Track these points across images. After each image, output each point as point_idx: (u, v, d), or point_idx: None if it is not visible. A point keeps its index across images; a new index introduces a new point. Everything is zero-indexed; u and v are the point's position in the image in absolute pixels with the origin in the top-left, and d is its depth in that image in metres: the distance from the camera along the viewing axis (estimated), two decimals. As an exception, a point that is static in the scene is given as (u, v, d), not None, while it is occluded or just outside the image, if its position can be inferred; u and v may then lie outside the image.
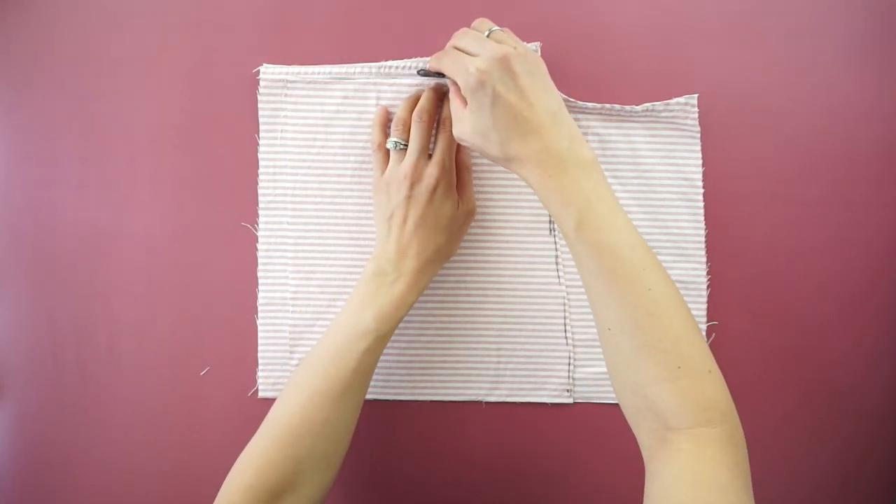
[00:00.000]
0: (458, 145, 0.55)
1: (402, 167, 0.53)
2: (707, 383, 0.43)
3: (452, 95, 0.50)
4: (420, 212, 0.52)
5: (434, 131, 0.55)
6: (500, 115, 0.46)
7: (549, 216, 0.58)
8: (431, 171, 0.52)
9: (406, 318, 0.59)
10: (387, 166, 0.55)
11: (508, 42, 0.48)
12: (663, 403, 0.42)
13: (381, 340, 0.51)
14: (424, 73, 0.55)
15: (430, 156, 0.54)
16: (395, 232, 0.52)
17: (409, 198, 0.52)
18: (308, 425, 0.49)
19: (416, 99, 0.55)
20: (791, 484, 0.60)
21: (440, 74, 0.52)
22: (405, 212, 0.52)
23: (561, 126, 0.46)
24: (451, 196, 0.54)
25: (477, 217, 0.58)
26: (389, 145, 0.54)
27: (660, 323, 0.43)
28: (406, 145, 0.53)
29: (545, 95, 0.46)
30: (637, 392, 0.44)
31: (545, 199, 0.46)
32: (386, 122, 0.56)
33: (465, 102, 0.49)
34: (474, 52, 0.47)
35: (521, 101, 0.46)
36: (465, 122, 0.48)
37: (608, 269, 0.44)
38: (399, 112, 0.55)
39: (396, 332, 0.59)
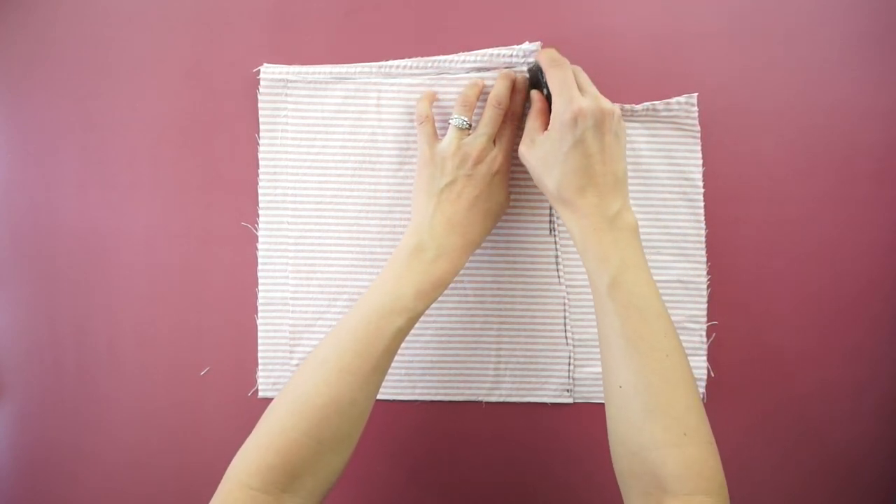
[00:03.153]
0: None
1: (466, 144, 0.52)
2: (709, 454, 0.44)
3: (535, 112, 0.52)
4: (477, 192, 0.51)
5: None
6: (575, 158, 0.47)
7: (550, 216, 0.58)
8: (497, 155, 0.52)
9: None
10: (435, 139, 0.53)
11: (602, 96, 0.50)
12: (665, 468, 0.43)
13: (414, 320, 0.49)
14: (531, 70, 0.54)
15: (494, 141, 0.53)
16: (446, 207, 0.51)
17: (469, 176, 0.51)
18: (335, 405, 0.46)
19: (478, 85, 0.54)
20: (791, 483, 0.60)
21: (535, 76, 0.53)
22: (461, 188, 0.51)
23: (619, 190, 0.48)
24: (505, 186, 0.53)
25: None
26: (456, 122, 0.52)
27: (673, 390, 0.44)
28: (470, 125, 0.53)
29: (618, 159, 0.48)
30: (638, 454, 0.44)
31: (583, 250, 0.48)
32: (432, 99, 0.55)
33: (544, 125, 0.50)
34: (584, 88, 0.49)
35: (599, 155, 0.47)
36: (536, 146, 0.50)
37: (632, 331, 0.45)
38: (467, 92, 0.54)
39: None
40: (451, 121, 0.53)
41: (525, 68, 0.57)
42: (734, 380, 0.60)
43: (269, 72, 0.58)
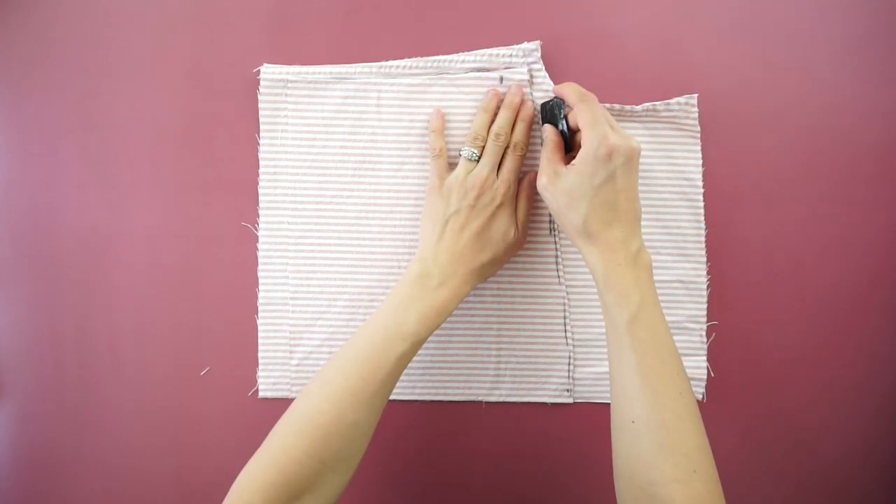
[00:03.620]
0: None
1: (471, 177, 0.53)
2: (716, 492, 0.45)
3: (551, 146, 0.52)
4: (480, 223, 0.53)
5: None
6: (605, 192, 0.48)
7: (549, 217, 0.58)
8: (500, 187, 0.53)
9: (406, 318, 0.59)
10: (446, 172, 0.55)
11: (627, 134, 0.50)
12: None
13: (417, 345, 0.51)
14: (545, 104, 0.54)
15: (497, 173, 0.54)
16: (450, 237, 0.52)
17: (472, 207, 0.52)
18: (337, 425, 0.48)
19: (488, 112, 0.55)
20: (791, 483, 0.60)
21: (552, 111, 0.53)
22: (465, 220, 0.52)
23: (638, 228, 0.49)
24: (510, 216, 0.54)
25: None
26: (466, 154, 0.54)
27: (685, 427, 0.45)
28: (479, 157, 0.54)
29: (638, 198, 0.50)
30: (646, 489, 0.45)
31: (605, 284, 0.48)
32: (443, 127, 0.56)
33: (563, 159, 0.51)
34: (612, 126, 0.50)
35: (628, 191, 0.48)
36: (562, 179, 0.50)
37: (648, 367, 0.46)
38: (475, 125, 0.55)
39: (396, 331, 0.59)
40: (461, 152, 0.54)
41: (525, 69, 0.57)
42: (734, 380, 0.60)
43: (269, 72, 0.58)
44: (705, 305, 0.59)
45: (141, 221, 0.59)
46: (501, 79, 0.58)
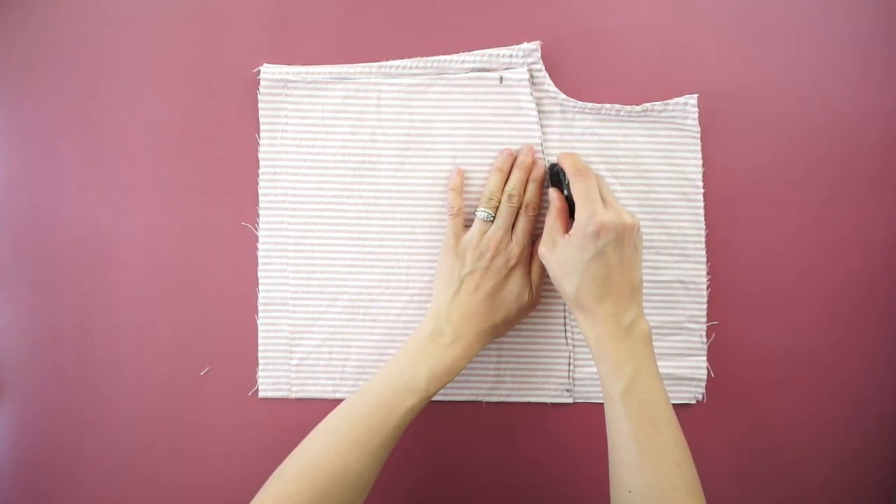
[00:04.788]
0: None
1: (486, 238, 0.54)
2: None
3: (554, 212, 0.53)
4: (494, 284, 0.53)
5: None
6: (595, 268, 0.49)
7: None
8: (514, 249, 0.54)
9: (407, 318, 0.59)
10: (462, 231, 0.55)
11: (623, 209, 0.51)
12: None
13: (424, 400, 0.51)
14: (553, 167, 0.55)
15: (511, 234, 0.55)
16: (464, 297, 0.53)
17: (487, 268, 0.53)
18: (343, 474, 0.48)
19: (502, 172, 0.56)
20: (791, 483, 0.60)
21: (557, 175, 0.54)
22: (479, 280, 0.53)
23: (635, 300, 0.50)
24: (524, 277, 0.55)
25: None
26: (481, 215, 0.55)
27: (681, 498, 0.46)
28: (493, 217, 0.55)
29: (636, 270, 0.50)
30: None
31: (598, 356, 0.49)
32: (462, 187, 0.57)
33: (564, 226, 0.52)
34: (607, 200, 0.50)
35: (619, 266, 0.49)
36: (557, 249, 0.51)
37: (644, 438, 0.47)
38: (489, 186, 0.56)
39: (396, 331, 0.59)
40: (476, 213, 0.55)
41: (525, 69, 0.57)
42: (734, 380, 0.60)
43: (269, 72, 0.58)
44: (705, 305, 0.59)
45: (141, 221, 0.59)
46: (501, 79, 0.58)
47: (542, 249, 0.52)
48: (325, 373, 0.59)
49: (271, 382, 0.59)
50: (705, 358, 0.59)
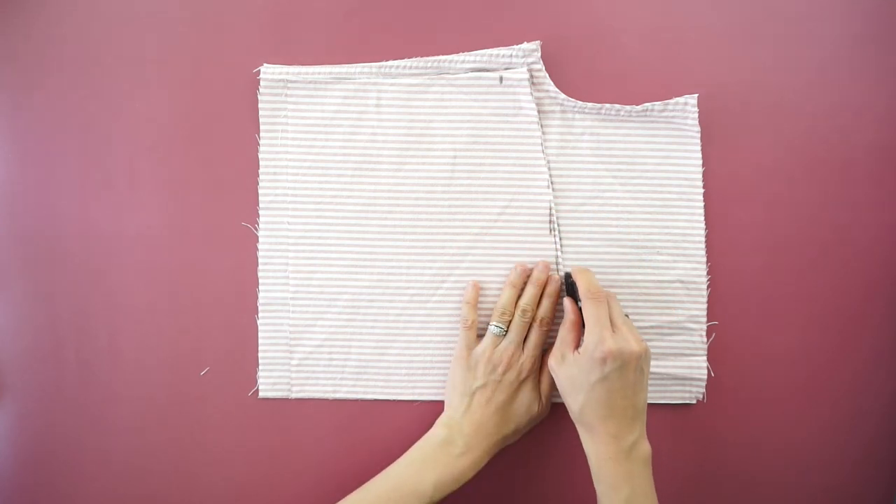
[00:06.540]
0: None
1: (498, 352, 0.55)
2: None
3: (567, 324, 0.54)
4: (504, 397, 0.54)
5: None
6: (600, 390, 0.50)
7: (550, 216, 0.58)
8: (525, 362, 0.55)
9: (407, 318, 0.59)
10: (474, 343, 0.56)
11: (632, 334, 0.51)
12: None
13: None
14: (569, 276, 0.56)
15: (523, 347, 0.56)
16: (476, 409, 0.54)
17: (498, 382, 0.54)
18: None
19: (516, 287, 0.57)
20: (791, 484, 0.60)
21: (573, 287, 0.54)
22: (490, 393, 0.54)
23: (638, 421, 0.51)
24: (534, 390, 0.56)
25: (478, 217, 0.58)
26: (494, 330, 0.55)
27: None
28: (506, 331, 0.55)
29: (640, 393, 0.51)
30: None
31: (597, 476, 0.51)
32: (477, 300, 0.57)
33: (576, 340, 0.53)
34: (616, 324, 0.51)
35: (623, 390, 0.50)
36: (566, 365, 0.52)
37: None
38: (502, 300, 0.56)
39: (396, 331, 0.59)
40: (489, 327, 0.56)
41: (525, 69, 0.57)
42: (734, 380, 0.60)
43: (269, 72, 0.58)
44: (705, 305, 0.59)
45: (141, 221, 0.59)
46: (501, 79, 0.58)
47: (552, 362, 0.53)
48: (325, 373, 0.59)
49: (271, 382, 0.59)
50: (705, 358, 0.59)
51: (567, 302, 0.55)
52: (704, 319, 0.59)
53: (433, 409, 0.59)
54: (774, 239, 0.59)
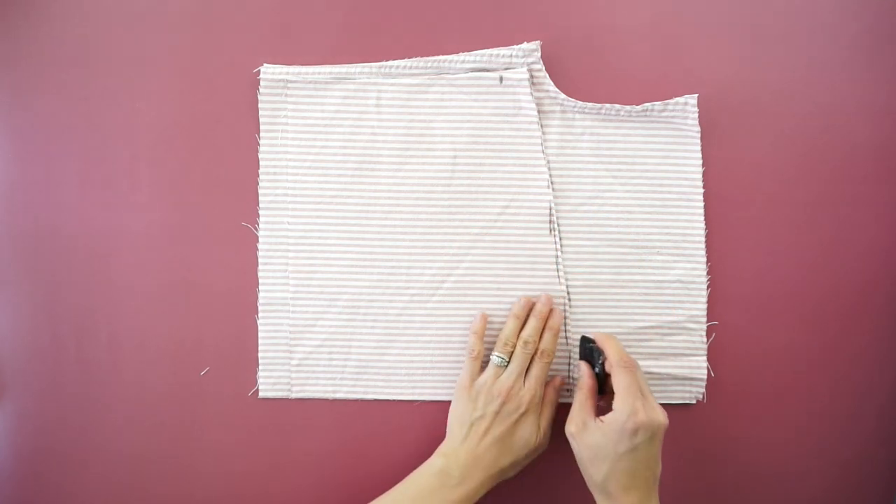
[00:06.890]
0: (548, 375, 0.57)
1: (499, 383, 0.55)
2: None
3: (585, 390, 0.54)
4: (503, 429, 0.54)
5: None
6: (627, 461, 0.50)
7: (549, 215, 0.58)
8: (525, 395, 0.55)
9: (407, 318, 0.59)
10: (478, 374, 0.56)
11: (657, 404, 0.51)
12: None
13: None
14: (586, 341, 0.56)
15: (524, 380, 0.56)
16: (473, 440, 0.54)
17: (497, 413, 0.54)
18: None
19: (519, 319, 0.57)
20: (791, 484, 0.60)
21: (590, 352, 0.55)
22: (489, 425, 0.54)
23: (654, 489, 0.51)
24: (534, 423, 0.55)
25: (478, 217, 0.58)
26: (496, 361, 0.55)
27: None
28: (508, 362, 0.56)
29: (659, 462, 0.51)
30: None
31: None
32: (484, 331, 0.57)
33: (594, 407, 0.53)
34: (645, 394, 0.51)
35: (648, 461, 0.50)
36: (588, 433, 0.51)
37: None
38: (505, 331, 0.56)
39: (396, 331, 0.59)
40: (491, 357, 0.56)
41: (525, 69, 0.57)
42: (734, 380, 0.60)
43: (269, 72, 0.58)
44: (705, 305, 0.59)
45: (141, 221, 0.59)
46: (501, 79, 0.58)
47: (572, 428, 0.52)
48: (325, 373, 0.59)
49: (271, 382, 0.59)
50: (705, 358, 0.59)
51: (583, 366, 0.55)
52: (704, 319, 0.59)
53: (433, 410, 0.59)
54: (774, 239, 0.59)
